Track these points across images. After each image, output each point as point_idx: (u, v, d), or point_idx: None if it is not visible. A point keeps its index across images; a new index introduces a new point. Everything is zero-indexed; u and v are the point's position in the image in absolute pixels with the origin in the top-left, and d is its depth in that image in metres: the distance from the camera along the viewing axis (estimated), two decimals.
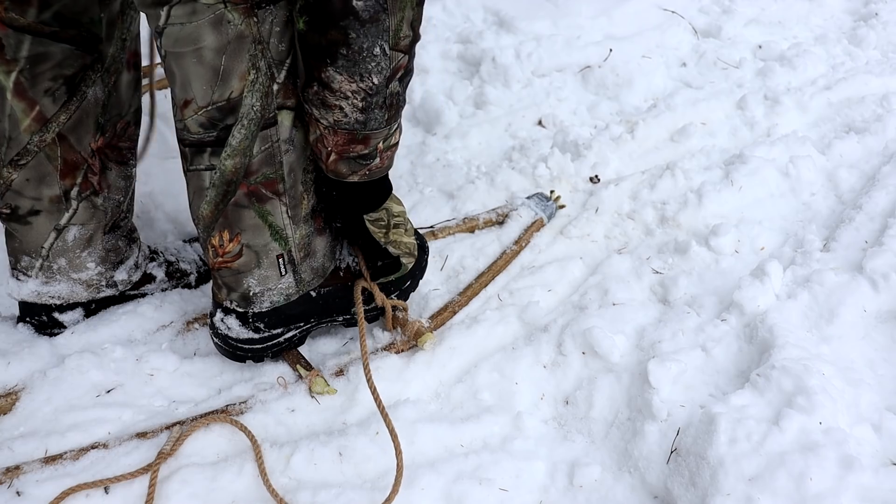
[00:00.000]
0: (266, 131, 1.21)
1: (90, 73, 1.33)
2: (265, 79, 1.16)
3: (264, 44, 1.14)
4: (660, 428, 1.31)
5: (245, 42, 1.12)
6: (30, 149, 1.33)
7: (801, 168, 2.01)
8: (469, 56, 2.56)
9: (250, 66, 1.14)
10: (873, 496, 1.14)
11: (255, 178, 1.25)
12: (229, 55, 1.13)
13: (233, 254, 1.33)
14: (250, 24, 1.11)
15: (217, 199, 1.27)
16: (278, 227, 1.31)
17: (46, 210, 1.40)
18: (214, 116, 1.18)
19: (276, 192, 1.28)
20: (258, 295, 1.39)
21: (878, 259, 1.59)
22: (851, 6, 3.10)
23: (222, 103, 1.17)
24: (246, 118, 1.19)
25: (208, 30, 1.10)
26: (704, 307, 1.56)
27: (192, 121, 1.19)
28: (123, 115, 1.43)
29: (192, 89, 1.16)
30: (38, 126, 1.31)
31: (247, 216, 1.29)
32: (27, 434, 1.33)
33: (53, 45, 1.27)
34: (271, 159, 1.24)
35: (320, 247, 1.41)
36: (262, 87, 1.17)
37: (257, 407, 1.38)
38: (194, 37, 1.11)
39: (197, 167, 1.25)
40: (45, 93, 1.29)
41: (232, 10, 1.09)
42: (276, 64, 1.16)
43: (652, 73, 2.55)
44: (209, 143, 1.21)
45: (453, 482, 1.27)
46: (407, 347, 1.53)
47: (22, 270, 1.47)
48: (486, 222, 1.88)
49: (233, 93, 1.16)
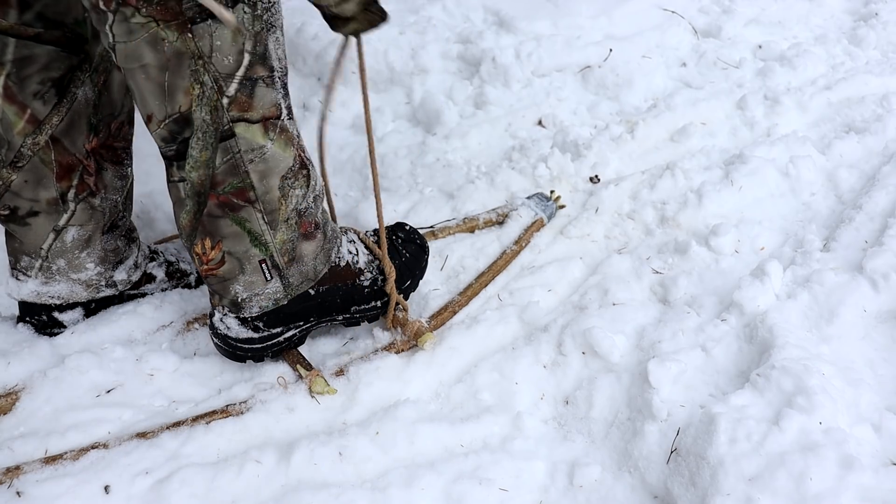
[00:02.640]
0: (225, 143, 1.21)
1: (78, 73, 1.32)
2: (212, 92, 1.16)
3: (205, 59, 1.13)
4: (660, 428, 1.31)
5: (184, 58, 1.12)
6: (24, 153, 1.33)
7: (801, 168, 2.01)
8: (469, 56, 2.56)
9: (193, 82, 1.15)
10: (873, 496, 1.14)
11: (223, 188, 1.25)
12: (171, 72, 1.13)
13: (216, 261, 1.34)
14: (186, 40, 1.11)
15: (193, 209, 1.28)
16: (257, 232, 1.32)
17: (45, 211, 1.40)
18: (173, 129, 1.19)
19: (248, 200, 1.28)
20: (247, 301, 1.39)
21: (878, 259, 1.59)
22: (851, 6, 3.10)
23: (176, 116, 1.18)
24: (200, 131, 1.19)
25: (146, 48, 1.11)
26: (704, 307, 1.56)
27: (156, 135, 1.22)
28: (116, 115, 1.43)
29: (148, 104, 1.18)
30: (32, 128, 1.31)
31: (223, 224, 1.29)
32: (27, 434, 1.33)
33: (38, 48, 1.26)
34: (235, 170, 1.24)
35: (309, 251, 1.40)
36: (209, 101, 1.17)
37: (257, 407, 1.38)
38: (137, 55, 1.11)
39: (173, 179, 1.27)
40: (34, 96, 1.29)
41: (165, 29, 1.09)
42: (224, 77, 1.16)
43: (652, 73, 2.55)
44: (173, 157, 1.23)
45: (453, 482, 1.27)
46: (407, 347, 1.53)
47: (22, 270, 1.47)
48: (486, 222, 1.88)
49: (181, 107, 1.17)
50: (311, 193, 1.36)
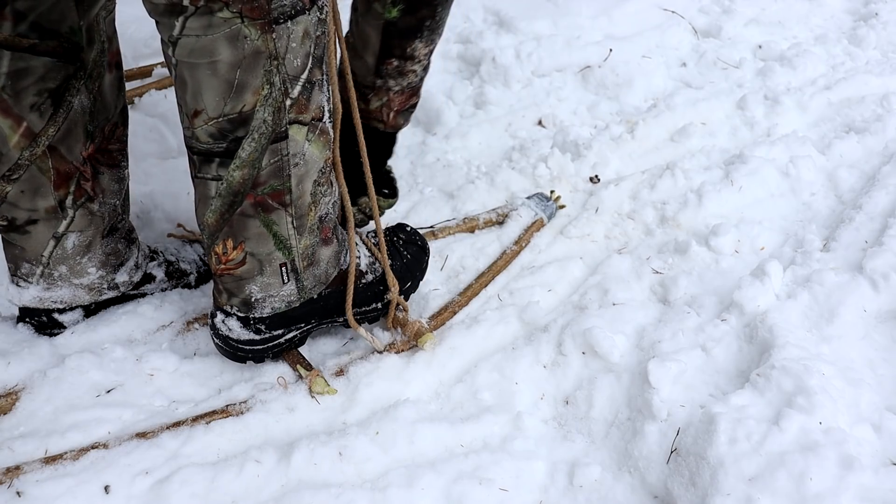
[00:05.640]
0: (276, 145, 1.20)
1: (73, 82, 1.30)
2: (279, 94, 1.16)
3: (280, 60, 1.13)
4: (660, 428, 1.31)
5: (261, 58, 1.12)
6: (21, 164, 1.31)
7: (801, 168, 2.01)
8: (469, 56, 2.56)
9: (264, 82, 1.14)
10: (873, 496, 1.14)
11: (263, 189, 1.24)
12: (244, 70, 1.12)
13: (236, 261, 1.33)
14: (267, 40, 1.11)
15: (223, 208, 1.27)
16: (283, 236, 1.31)
17: (43, 219, 1.38)
18: (225, 128, 1.18)
19: (283, 203, 1.27)
20: (259, 301, 1.39)
21: (878, 259, 1.59)
22: (851, 6, 3.10)
23: (234, 116, 1.16)
24: (257, 132, 1.18)
25: (224, 44, 1.09)
26: (704, 307, 1.56)
27: (201, 130, 1.19)
28: (110, 117, 1.41)
29: (203, 100, 1.15)
30: (28, 142, 1.29)
31: (252, 225, 1.28)
32: (27, 434, 1.33)
33: (34, 59, 1.24)
34: (280, 172, 1.24)
35: (325, 255, 1.41)
36: (275, 102, 1.16)
37: (257, 407, 1.38)
38: (210, 50, 1.10)
39: (204, 176, 1.25)
40: (30, 108, 1.27)
41: (249, 26, 1.09)
42: (291, 79, 1.16)
43: (652, 73, 2.55)
44: (218, 154, 1.21)
45: (453, 482, 1.27)
46: (407, 347, 1.53)
47: (22, 277, 1.46)
48: (486, 222, 1.88)
49: (245, 106, 1.15)
50: (332, 199, 1.36)
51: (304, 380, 1.43)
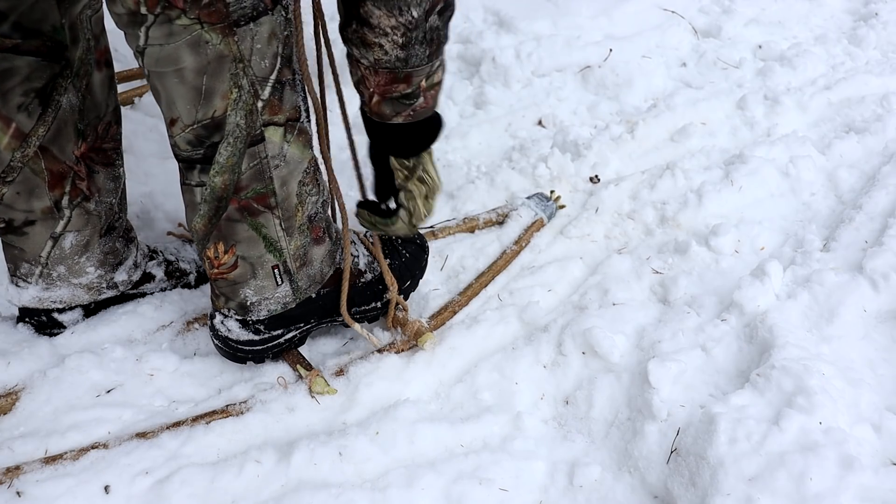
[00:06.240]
0: (254, 148, 1.21)
1: (60, 80, 1.29)
2: (248, 97, 1.16)
3: (245, 62, 1.13)
4: (660, 428, 1.31)
5: (225, 62, 1.12)
6: (14, 165, 1.31)
7: (801, 168, 2.01)
8: (469, 56, 2.56)
9: (232, 85, 1.14)
10: (873, 496, 1.14)
11: (246, 193, 1.25)
12: (210, 75, 1.12)
13: (228, 265, 1.33)
14: (229, 43, 1.10)
15: (210, 213, 1.27)
16: (272, 239, 1.31)
17: (40, 220, 1.39)
18: (201, 134, 1.18)
19: (268, 206, 1.27)
20: (255, 304, 1.39)
21: (878, 259, 1.59)
22: (851, 6, 3.10)
23: (207, 121, 1.16)
24: (231, 136, 1.18)
25: (187, 51, 1.09)
26: (704, 307, 1.56)
27: (180, 138, 1.19)
28: (102, 116, 1.40)
29: (177, 108, 1.16)
30: (18, 143, 1.29)
31: (240, 229, 1.29)
32: (27, 434, 1.33)
33: (18, 59, 1.23)
34: (261, 175, 1.24)
35: (318, 255, 1.41)
36: (245, 105, 1.16)
37: (257, 407, 1.38)
38: (174, 58, 1.10)
39: (189, 182, 1.25)
40: (18, 109, 1.26)
41: (209, 31, 1.08)
42: (259, 81, 1.16)
43: (652, 73, 2.55)
44: (198, 161, 1.21)
45: (453, 482, 1.27)
46: (407, 347, 1.53)
47: (22, 277, 1.46)
48: (486, 222, 1.88)
49: (216, 111, 1.15)
50: (320, 198, 1.36)
51: (304, 380, 1.43)
